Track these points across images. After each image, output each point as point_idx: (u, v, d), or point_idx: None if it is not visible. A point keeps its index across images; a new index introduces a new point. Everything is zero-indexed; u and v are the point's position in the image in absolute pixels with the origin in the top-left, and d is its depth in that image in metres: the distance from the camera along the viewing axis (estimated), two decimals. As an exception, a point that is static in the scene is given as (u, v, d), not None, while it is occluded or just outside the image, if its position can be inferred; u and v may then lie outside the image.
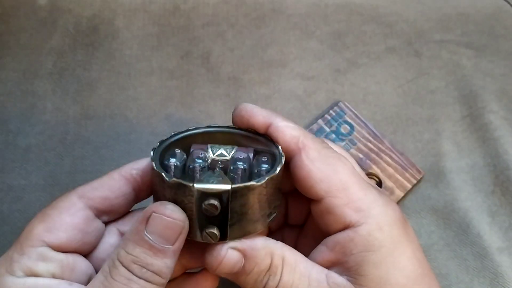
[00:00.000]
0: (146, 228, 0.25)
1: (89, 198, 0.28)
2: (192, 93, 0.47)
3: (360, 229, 0.26)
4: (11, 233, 0.41)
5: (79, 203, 0.28)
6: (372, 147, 0.45)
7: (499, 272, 0.41)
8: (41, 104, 0.46)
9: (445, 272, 0.41)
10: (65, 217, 0.27)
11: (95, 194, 0.28)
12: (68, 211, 0.27)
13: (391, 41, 0.51)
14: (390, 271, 0.26)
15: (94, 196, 0.28)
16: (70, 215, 0.27)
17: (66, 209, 0.28)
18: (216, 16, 0.51)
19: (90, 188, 0.28)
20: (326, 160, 0.27)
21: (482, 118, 0.47)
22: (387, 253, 0.26)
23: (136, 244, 0.25)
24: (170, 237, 0.25)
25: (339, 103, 0.47)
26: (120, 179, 0.29)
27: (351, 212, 0.27)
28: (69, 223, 0.27)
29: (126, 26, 0.50)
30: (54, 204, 0.28)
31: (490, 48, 0.51)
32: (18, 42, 0.48)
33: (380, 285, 0.26)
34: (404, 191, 0.43)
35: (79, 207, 0.28)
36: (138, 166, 0.29)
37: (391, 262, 0.26)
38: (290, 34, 0.50)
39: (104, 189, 0.28)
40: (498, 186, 0.44)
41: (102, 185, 0.28)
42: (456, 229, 0.43)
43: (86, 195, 0.28)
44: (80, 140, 0.45)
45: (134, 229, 0.25)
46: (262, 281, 0.26)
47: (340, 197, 0.27)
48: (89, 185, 0.29)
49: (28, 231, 0.27)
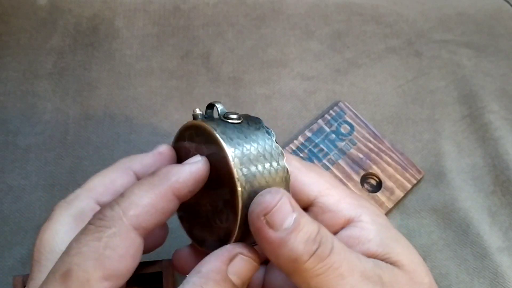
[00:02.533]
0: (228, 268, 0.24)
1: (146, 230, 0.23)
2: (192, 93, 0.47)
3: (364, 223, 0.26)
4: (11, 233, 0.41)
5: (137, 241, 0.23)
6: (372, 147, 0.45)
7: (499, 272, 0.41)
8: (41, 104, 0.46)
9: (445, 272, 0.41)
10: (126, 262, 0.23)
11: (150, 225, 0.24)
12: (128, 253, 0.23)
13: (391, 41, 0.51)
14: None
15: (150, 227, 0.24)
16: (131, 259, 0.23)
17: (126, 250, 0.23)
18: (216, 16, 0.51)
19: (146, 216, 0.23)
20: (309, 168, 0.28)
21: (482, 118, 0.47)
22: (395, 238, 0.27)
23: (217, 284, 0.23)
24: (247, 278, 0.24)
25: (339, 103, 0.47)
26: (175, 201, 0.24)
27: (347, 206, 0.27)
28: (130, 269, 0.23)
29: (126, 26, 0.50)
30: (106, 240, 0.22)
31: (490, 48, 0.51)
32: (18, 42, 0.48)
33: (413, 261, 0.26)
34: (404, 191, 0.43)
35: (137, 246, 0.23)
36: (189, 182, 0.25)
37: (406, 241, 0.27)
38: (290, 34, 0.50)
39: (161, 217, 0.24)
40: (498, 186, 0.44)
41: (157, 211, 0.24)
42: (456, 229, 0.43)
43: (142, 227, 0.23)
44: (80, 140, 0.45)
45: (216, 268, 0.23)
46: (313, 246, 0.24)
47: (332, 194, 0.27)
48: (142, 207, 0.23)
49: (82, 278, 0.22)
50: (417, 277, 0.25)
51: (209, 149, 0.25)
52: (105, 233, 0.22)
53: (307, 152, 0.44)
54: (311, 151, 0.45)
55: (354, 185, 0.43)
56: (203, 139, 0.26)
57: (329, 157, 0.44)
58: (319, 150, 0.45)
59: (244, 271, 0.24)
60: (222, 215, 0.25)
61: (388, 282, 0.24)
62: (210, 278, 0.23)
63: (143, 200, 0.23)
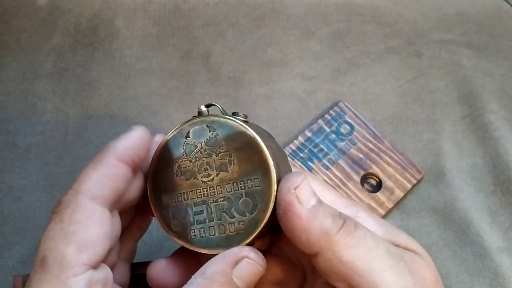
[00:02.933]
0: (233, 271, 0.24)
1: (103, 198, 0.25)
2: (192, 93, 0.47)
3: (363, 217, 0.27)
4: (11, 233, 0.41)
5: (98, 208, 0.24)
6: (372, 147, 0.45)
7: (499, 272, 0.41)
8: (41, 104, 0.46)
9: (445, 272, 0.41)
10: (93, 230, 0.24)
11: (106, 192, 0.25)
12: (91, 221, 0.24)
13: (391, 41, 0.51)
14: None
15: (107, 195, 0.25)
16: (97, 225, 0.24)
17: (88, 219, 0.24)
18: (216, 16, 0.51)
19: (97, 184, 0.24)
20: (303, 172, 0.28)
21: (482, 118, 0.47)
22: None
23: (221, 286, 0.24)
24: (252, 282, 0.25)
25: (339, 103, 0.47)
26: (121, 165, 0.25)
27: (343, 204, 0.28)
28: (100, 235, 0.24)
29: (126, 26, 0.50)
30: (68, 218, 0.23)
31: (490, 48, 0.51)
32: (18, 42, 0.48)
33: None
34: (404, 191, 0.43)
35: (100, 213, 0.24)
36: (130, 145, 0.26)
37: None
38: (290, 34, 0.50)
39: (113, 183, 0.25)
40: (498, 186, 0.44)
41: (107, 178, 0.25)
42: (456, 229, 0.43)
43: (97, 196, 0.24)
44: (80, 140, 0.45)
45: (221, 271, 0.24)
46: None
47: (328, 195, 0.28)
48: (91, 180, 0.24)
49: (57, 258, 0.23)
50: (429, 260, 0.26)
51: (233, 142, 0.26)
52: (65, 214, 0.24)
53: (307, 152, 0.44)
54: (311, 151, 0.45)
55: (354, 185, 0.43)
56: (223, 131, 0.26)
57: (329, 157, 0.44)
58: (319, 150, 0.45)
59: (249, 275, 0.24)
60: (244, 205, 0.26)
61: (410, 261, 0.24)
62: (215, 280, 0.23)
63: (91, 174, 0.25)
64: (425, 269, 0.25)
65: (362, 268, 0.23)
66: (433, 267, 0.26)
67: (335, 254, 0.23)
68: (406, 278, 0.23)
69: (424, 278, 0.24)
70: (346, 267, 0.23)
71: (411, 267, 0.24)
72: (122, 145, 0.26)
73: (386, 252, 0.24)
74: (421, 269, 0.25)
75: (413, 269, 0.24)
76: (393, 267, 0.23)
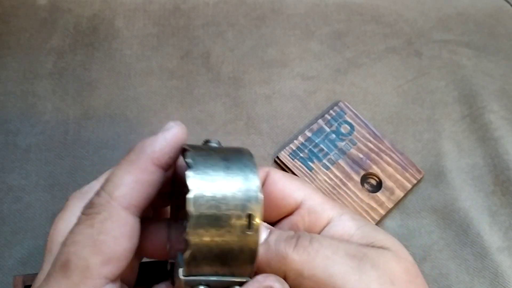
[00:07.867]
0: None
1: (137, 207, 0.23)
2: (192, 93, 0.47)
3: (345, 220, 0.28)
4: (11, 233, 0.41)
5: (130, 219, 0.23)
6: (372, 147, 0.45)
7: (499, 272, 0.41)
8: (41, 104, 0.46)
9: (445, 272, 0.41)
10: (123, 243, 0.23)
11: (140, 200, 0.23)
12: (122, 234, 0.23)
13: (391, 41, 0.51)
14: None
15: (140, 203, 0.23)
16: (127, 238, 0.23)
17: (119, 231, 0.23)
18: (216, 16, 0.51)
19: (132, 192, 0.23)
20: (293, 177, 0.30)
21: (482, 118, 0.47)
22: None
23: None
24: None
25: (339, 103, 0.47)
26: (157, 171, 0.24)
27: (330, 207, 0.28)
28: (127, 249, 0.23)
29: (126, 26, 0.50)
30: (99, 226, 0.22)
31: (490, 48, 0.51)
32: (18, 42, 0.48)
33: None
34: (404, 191, 0.43)
35: (131, 225, 0.23)
36: (168, 148, 0.24)
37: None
38: (290, 34, 0.50)
39: (147, 189, 0.24)
40: (498, 186, 0.44)
41: (142, 185, 0.23)
42: (456, 229, 0.43)
43: (131, 204, 0.23)
44: (80, 140, 0.45)
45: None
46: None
47: (316, 198, 0.28)
48: (125, 186, 0.23)
49: (80, 266, 0.22)
50: (401, 254, 0.26)
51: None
52: (96, 219, 0.22)
53: (307, 152, 0.44)
54: (311, 151, 0.45)
55: (354, 185, 0.43)
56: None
57: (329, 157, 0.44)
58: (319, 150, 0.45)
59: None
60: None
61: (375, 257, 0.25)
62: None
63: (126, 179, 0.23)
64: (394, 263, 0.25)
65: (323, 277, 0.23)
66: (406, 261, 0.26)
67: (297, 272, 0.24)
68: (369, 274, 0.24)
69: (392, 271, 0.24)
70: (311, 281, 0.24)
71: (376, 262, 0.24)
72: (159, 147, 0.24)
73: (345, 254, 0.24)
74: (389, 263, 0.25)
75: (378, 263, 0.24)
76: (354, 267, 0.24)
